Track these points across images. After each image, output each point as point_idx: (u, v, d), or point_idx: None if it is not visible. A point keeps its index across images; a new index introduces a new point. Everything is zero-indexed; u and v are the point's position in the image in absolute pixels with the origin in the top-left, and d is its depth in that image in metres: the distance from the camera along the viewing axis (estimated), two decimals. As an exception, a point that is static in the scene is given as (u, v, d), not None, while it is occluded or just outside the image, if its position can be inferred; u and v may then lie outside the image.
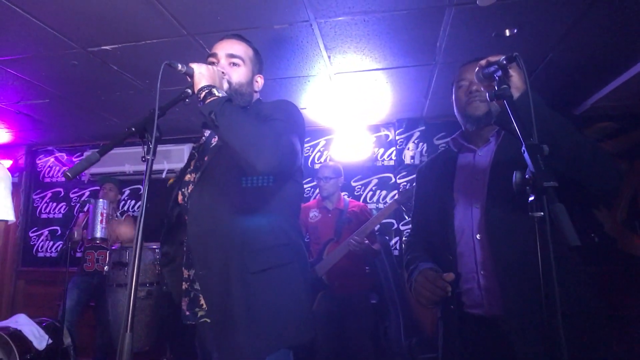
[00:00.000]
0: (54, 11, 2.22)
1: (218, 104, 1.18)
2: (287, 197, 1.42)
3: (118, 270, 3.27)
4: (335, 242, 3.08)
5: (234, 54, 1.43)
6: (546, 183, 0.85)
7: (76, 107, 3.71)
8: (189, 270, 1.36)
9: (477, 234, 1.35)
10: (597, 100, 3.48)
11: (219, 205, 1.31)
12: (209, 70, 1.27)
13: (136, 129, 1.10)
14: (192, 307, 1.34)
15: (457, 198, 1.45)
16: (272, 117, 1.30)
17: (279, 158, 1.17)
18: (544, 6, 2.24)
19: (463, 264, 1.38)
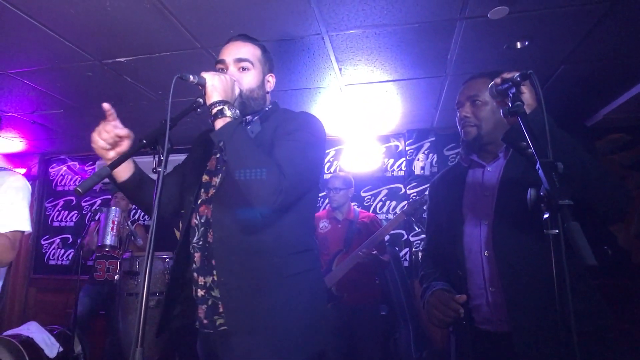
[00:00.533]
0: (71, 24, 2.27)
1: (228, 133, 1.19)
2: (308, 202, 1.42)
3: (129, 279, 3.29)
4: (345, 253, 3.07)
5: (241, 57, 1.38)
6: (561, 201, 0.85)
7: (90, 118, 3.76)
8: (205, 277, 1.31)
9: (485, 250, 1.36)
10: (609, 112, 3.47)
11: (244, 212, 1.27)
12: (222, 81, 1.25)
13: (147, 141, 1.08)
14: (211, 315, 1.29)
15: (466, 214, 1.46)
16: (288, 137, 1.30)
17: (279, 203, 1.19)
18: (556, 18, 2.25)
19: (472, 281, 1.39)
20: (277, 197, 1.17)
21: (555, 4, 2.12)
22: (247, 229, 1.28)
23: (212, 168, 1.41)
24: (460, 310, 1.33)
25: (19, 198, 1.81)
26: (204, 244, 1.33)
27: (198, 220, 1.35)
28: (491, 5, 2.13)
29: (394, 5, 2.13)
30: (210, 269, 1.30)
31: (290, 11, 2.17)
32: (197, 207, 1.37)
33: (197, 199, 1.38)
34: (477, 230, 1.40)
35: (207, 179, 1.40)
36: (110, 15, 2.17)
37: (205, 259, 1.32)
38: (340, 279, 2.99)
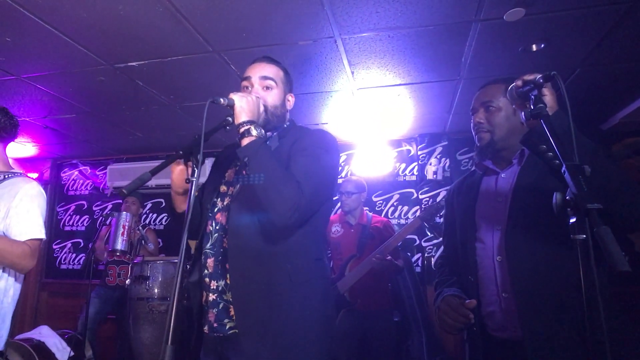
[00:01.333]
0: (83, 28, 2.28)
1: (253, 150, 1.29)
2: (322, 214, 1.47)
3: (139, 284, 3.28)
4: (358, 259, 3.04)
5: (266, 76, 1.48)
6: (590, 205, 0.82)
7: (101, 122, 3.78)
8: (217, 281, 1.37)
9: (497, 256, 1.36)
10: (625, 116, 3.40)
11: (261, 222, 1.34)
12: (249, 103, 1.35)
13: (183, 153, 1.22)
14: (222, 319, 1.34)
15: (479, 221, 1.46)
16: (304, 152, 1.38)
17: (297, 218, 1.27)
18: (573, 21, 2.21)
19: (485, 287, 1.39)
20: (294, 213, 1.25)
21: (572, 5, 2.08)
22: (262, 237, 1.34)
23: (229, 179, 1.50)
24: (470, 316, 1.34)
25: (34, 206, 1.82)
26: (219, 249, 1.39)
27: (213, 227, 1.43)
28: (507, 7, 2.09)
29: (408, 8, 2.10)
30: (223, 272, 1.36)
31: (303, 14, 2.16)
32: (214, 214, 1.45)
33: (214, 207, 1.46)
34: (489, 236, 1.40)
35: (225, 189, 1.49)
36: (123, 19, 2.17)
37: (219, 264, 1.38)
38: (353, 284, 2.96)
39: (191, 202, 1.10)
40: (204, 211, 1.49)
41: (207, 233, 1.43)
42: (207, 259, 1.40)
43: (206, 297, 1.38)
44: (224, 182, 1.51)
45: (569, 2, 2.06)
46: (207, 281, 1.38)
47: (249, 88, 1.48)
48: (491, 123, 1.46)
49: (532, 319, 1.23)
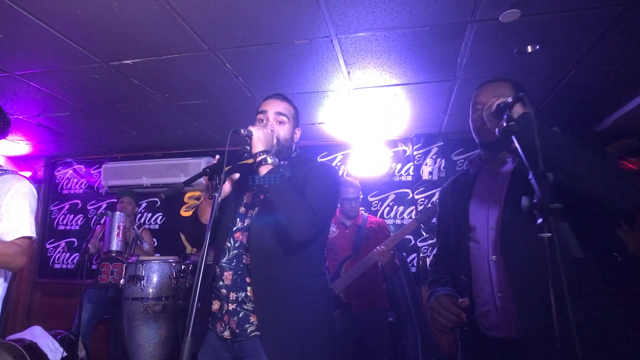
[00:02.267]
0: (78, 26, 2.26)
1: (273, 178, 1.48)
2: (323, 235, 1.73)
3: (134, 284, 3.26)
4: (353, 259, 3.03)
5: (281, 112, 1.70)
6: (551, 205, 0.94)
7: (96, 120, 3.76)
8: (237, 292, 1.53)
9: (492, 255, 1.36)
10: (619, 117, 3.41)
11: (277, 238, 1.54)
12: (265, 134, 1.55)
13: (210, 170, 1.43)
14: (243, 325, 1.51)
15: (473, 220, 1.47)
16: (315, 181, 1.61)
17: (311, 234, 1.51)
18: (568, 22, 2.21)
19: (479, 286, 1.39)
20: (311, 229, 1.49)
21: (568, 7, 2.09)
22: (280, 253, 1.55)
23: (248, 202, 1.69)
24: (462, 315, 1.37)
25: (26, 204, 1.81)
26: (238, 264, 1.57)
27: (231, 244, 1.61)
28: (503, 8, 2.10)
29: (404, 8, 2.10)
30: (243, 285, 1.54)
31: (299, 13, 2.15)
32: (233, 233, 1.63)
33: (234, 227, 1.64)
34: (484, 236, 1.40)
35: (244, 211, 1.67)
36: (117, 16, 2.16)
37: (239, 277, 1.55)
38: (348, 285, 2.96)
39: (214, 215, 1.27)
40: (223, 228, 1.65)
41: (225, 249, 1.60)
42: (223, 271, 1.57)
43: (222, 306, 1.55)
44: (243, 204, 1.69)
45: (564, 3, 2.07)
46: (225, 292, 1.55)
47: (264, 121, 1.68)
48: None
49: (531, 318, 1.23)
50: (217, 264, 1.60)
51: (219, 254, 1.62)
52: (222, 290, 1.56)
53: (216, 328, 1.56)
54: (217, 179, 1.39)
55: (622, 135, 3.74)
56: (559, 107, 3.37)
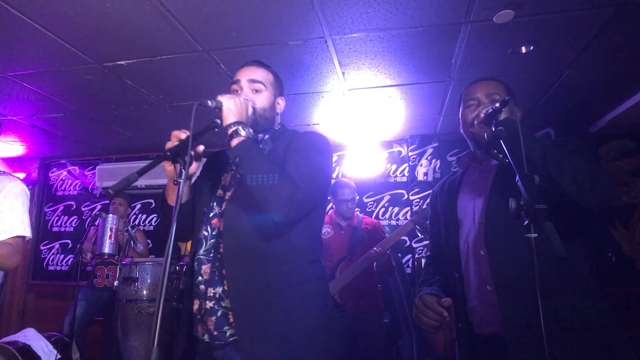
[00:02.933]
0: (71, 26, 2.25)
1: (243, 150, 1.29)
2: (317, 216, 1.49)
3: (128, 285, 3.25)
4: (349, 260, 3.03)
5: (255, 79, 1.49)
6: (537, 206, 0.96)
7: (90, 121, 3.74)
8: (214, 288, 1.35)
9: (480, 249, 1.37)
10: (613, 118, 3.44)
11: (257, 221, 1.34)
12: (237, 104, 1.35)
13: (171, 154, 1.23)
14: (221, 326, 1.32)
15: (461, 216, 1.48)
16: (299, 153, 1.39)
17: (293, 214, 1.28)
18: (562, 23, 2.22)
19: (470, 281, 1.40)
20: (292, 207, 1.26)
21: (561, 8, 2.10)
22: (257, 239, 1.34)
23: (226, 183, 1.49)
24: (445, 314, 1.37)
25: (19, 204, 1.82)
26: (215, 256, 1.37)
27: (209, 232, 1.41)
28: (497, 9, 2.10)
29: (397, 8, 2.11)
30: (220, 279, 1.35)
31: (293, 14, 2.15)
32: (209, 219, 1.43)
33: (210, 212, 1.44)
34: (472, 230, 1.41)
35: (221, 194, 1.47)
36: (111, 17, 2.15)
37: (216, 270, 1.36)
38: (344, 286, 2.95)
39: (178, 204, 1.09)
40: (198, 215, 1.47)
41: (201, 238, 1.41)
42: (201, 265, 1.38)
43: (201, 305, 1.36)
44: (220, 186, 1.49)
45: (557, 5, 2.07)
46: (203, 288, 1.36)
47: (239, 91, 1.48)
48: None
49: (512, 313, 1.25)
50: (195, 256, 1.40)
51: (196, 245, 1.42)
52: (201, 287, 1.36)
53: (198, 331, 1.38)
54: (182, 162, 1.20)
55: (616, 136, 3.76)
56: (553, 108, 3.38)
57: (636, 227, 3.63)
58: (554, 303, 1.19)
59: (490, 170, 1.45)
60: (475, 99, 1.47)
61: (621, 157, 3.74)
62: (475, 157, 1.55)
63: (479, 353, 1.37)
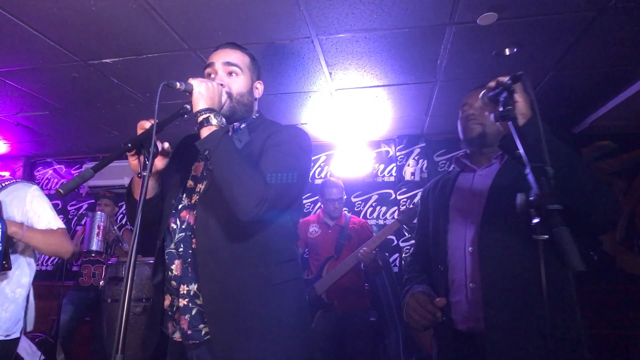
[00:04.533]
0: (55, 24, 2.23)
1: (214, 142, 1.18)
2: (293, 213, 1.42)
3: (114, 285, 3.22)
4: (336, 260, 3.04)
5: (230, 62, 1.39)
6: (550, 206, 0.84)
7: (76, 120, 3.70)
8: (188, 285, 1.27)
9: (469, 246, 1.38)
10: (596, 119, 3.50)
11: (230, 218, 1.23)
12: (208, 89, 1.24)
13: (132, 145, 1.10)
14: (196, 325, 1.26)
15: (452, 213, 1.49)
16: (277, 148, 1.31)
17: (262, 213, 1.18)
18: (544, 26, 2.26)
19: (454, 276, 1.41)
20: (261, 207, 1.17)
21: (543, 11, 2.13)
22: (233, 237, 1.26)
23: (197, 174, 1.40)
24: (438, 314, 1.37)
25: (45, 204, 2.04)
26: (187, 251, 1.30)
27: (177, 225, 1.33)
28: (480, 11, 2.13)
29: (382, 9, 2.12)
30: (194, 276, 1.27)
31: (279, 13, 2.16)
32: (178, 212, 1.35)
33: (179, 204, 1.36)
34: (462, 229, 1.42)
35: (192, 185, 1.38)
36: (95, 15, 2.13)
37: (189, 266, 1.29)
38: (331, 285, 2.97)
39: (142, 200, 0.99)
40: (166, 206, 1.37)
41: (170, 232, 1.33)
42: (173, 260, 1.31)
43: (172, 302, 1.31)
44: (191, 176, 1.40)
45: (539, 8, 2.11)
46: (175, 285, 1.29)
47: (213, 75, 1.38)
48: (484, 117, 1.45)
49: (496, 311, 1.26)
50: (165, 249, 1.33)
51: (164, 238, 1.34)
52: (172, 283, 1.29)
53: (168, 328, 1.32)
54: (146, 153, 1.09)
55: (599, 137, 3.83)
56: (537, 109, 3.42)
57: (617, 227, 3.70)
58: (537, 310, 1.20)
59: (490, 174, 1.45)
60: (467, 104, 1.54)
61: (603, 158, 3.81)
62: (473, 159, 1.56)
63: (457, 348, 1.38)
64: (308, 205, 4.30)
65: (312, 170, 4.33)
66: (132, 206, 1.36)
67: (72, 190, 1.01)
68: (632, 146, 3.77)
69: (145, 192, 1.01)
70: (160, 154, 1.26)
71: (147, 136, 1.10)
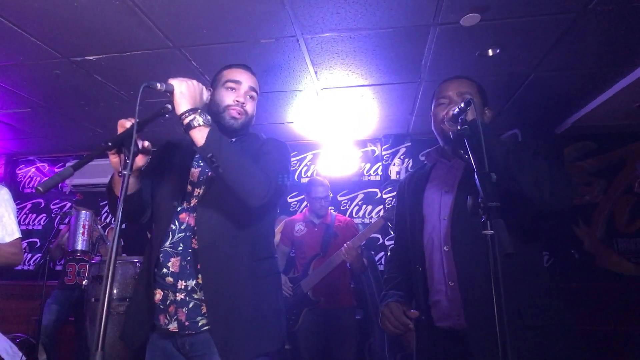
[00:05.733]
0: (36, 19, 2.19)
1: (215, 145, 1.25)
2: (272, 216, 1.61)
3: (97, 284, 3.19)
4: (322, 258, 3.05)
5: (254, 87, 1.57)
6: (490, 203, 1.00)
7: (59, 117, 3.65)
8: (186, 281, 1.39)
9: (444, 245, 1.40)
10: (576, 120, 3.56)
11: (227, 218, 1.41)
12: (189, 88, 1.26)
13: (112, 144, 1.13)
14: (194, 317, 1.37)
15: (426, 210, 1.51)
16: (268, 155, 1.48)
17: (267, 197, 1.32)
18: (526, 27, 2.30)
19: (433, 276, 1.43)
20: (269, 191, 1.33)
21: (525, 13, 2.17)
22: (229, 236, 1.41)
23: (194, 179, 1.50)
24: (410, 326, 1.42)
25: (10, 209, 2.06)
26: (186, 250, 1.41)
27: (176, 226, 1.44)
28: (463, 12, 2.16)
29: (367, 9, 2.14)
30: (192, 272, 1.39)
31: (264, 12, 2.16)
32: (177, 214, 1.45)
33: (178, 207, 1.46)
34: (437, 226, 1.44)
35: (190, 189, 1.49)
36: (78, 11, 2.11)
37: (188, 264, 1.40)
38: (317, 283, 2.98)
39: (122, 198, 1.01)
40: (164, 209, 1.47)
41: (168, 232, 1.43)
42: (169, 258, 1.41)
43: (166, 296, 1.40)
44: (188, 181, 1.50)
45: (521, 10, 2.14)
46: (171, 280, 1.39)
47: (236, 90, 1.52)
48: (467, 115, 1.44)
49: (475, 308, 1.28)
50: (160, 248, 1.42)
51: (161, 238, 1.43)
52: (168, 279, 1.39)
53: (159, 321, 1.40)
54: (126, 152, 1.12)
55: (580, 138, 3.90)
56: (520, 110, 3.48)
57: (597, 225, 3.78)
58: (516, 301, 1.23)
59: (458, 168, 1.48)
60: (446, 97, 1.50)
61: (584, 158, 3.89)
62: (444, 153, 1.58)
63: (438, 345, 1.40)
64: (294, 204, 4.31)
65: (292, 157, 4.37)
66: (114, 202, 1.43)
67: (51, 188, 1.01)
68: (612, 146, 3.85)
69: (126, 190, 1.03)
70: (141, 152, 1.28)
71: (128, 135, 1.12)
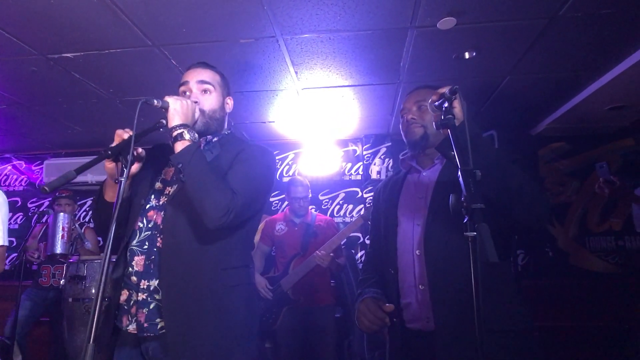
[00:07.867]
0: (10, 15, 2.16)
1: (186, 157, 1.30)
2: (252, 224, 1.55)
3: (75, 284, 3.15)
4: (302, 257, 3.08)
5: (204, 80, 1.53)
6: (474, 205, 0.94)
7: (36, 115, 3.59)
8: (149, 280, 1.36)
9: (416, 249, 1.44)
10: (550, 122, 3.66)
11: (196, 222, 1.36)
12: (183, 106, 1.36)
13: (111, 152, 1.23)
14: (153, 318, 1.34)
15: (400, 216, 1.54)
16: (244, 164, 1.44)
17: (228, 221, 1.31)
18: (501, 31, 2.36)
19: (403, 279, 1.46)
20: (227, 216, 1.30)
21: (499, 17, 2.22)
22: (196, 240, 1.37)
23: (167, 178, 1.51)
24: (386, 320, 1.42)
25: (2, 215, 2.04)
26: (151, 248, 1.38)
27: (144, 224, 1.42)
28: (440, 16, 2.20)
29: (346, 11, 2.17)
30: (156, 272, 1.36)
31: (243, 12, 2.16)
32: (146, 211, 1.44)
33: (147, 204, 1.45)
34: (410, 231, 1.48)
35: (161, 187, 1.49)
36: (54, 8, 2.08)
37: (152, 263, 1.37)
38: (297, 282, 3.00)
39: (118, 204, 1.10)
40: (134, 206, 1.46)
41: (135, 229, 1.42)
42: (134, 256, 1.39)
43: (129, 296, 1.38)
44: (160, 179, 1.51)
45: (495, 14, 2.19)
46: (135, 280, 1.37)
47: (187, 93, 1.51)
48: (424, 119, 1.53)
49: (444, 311, 1.31)
50: (127, 247, 1.41)
51: (129, 236, 1.42)
52: (132, 278, 1.37)
53: (122, 322, 1.38)
54: (124, 161, 1.21)
55: (554, 139, 4.00)
56: (496, 112, 3.56)
57: (570, 224, 3.89)
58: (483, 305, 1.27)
59: (433, 175, 1.52)
60: (405, 109, 1.60)
61: (558, 158, 3.99)
62: (418, 160, 1.62)
63: (409, 346, 1.44)
64: (276, 204, 4.32)
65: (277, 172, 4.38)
66: (103, 207, 1.45)
67: (57, 188, 1.12)
68: (585, 147, 3.96)
69: (121, 196, 1.12)
70: (135, 159, 1.36)
71: (126, 145, 1.22)
